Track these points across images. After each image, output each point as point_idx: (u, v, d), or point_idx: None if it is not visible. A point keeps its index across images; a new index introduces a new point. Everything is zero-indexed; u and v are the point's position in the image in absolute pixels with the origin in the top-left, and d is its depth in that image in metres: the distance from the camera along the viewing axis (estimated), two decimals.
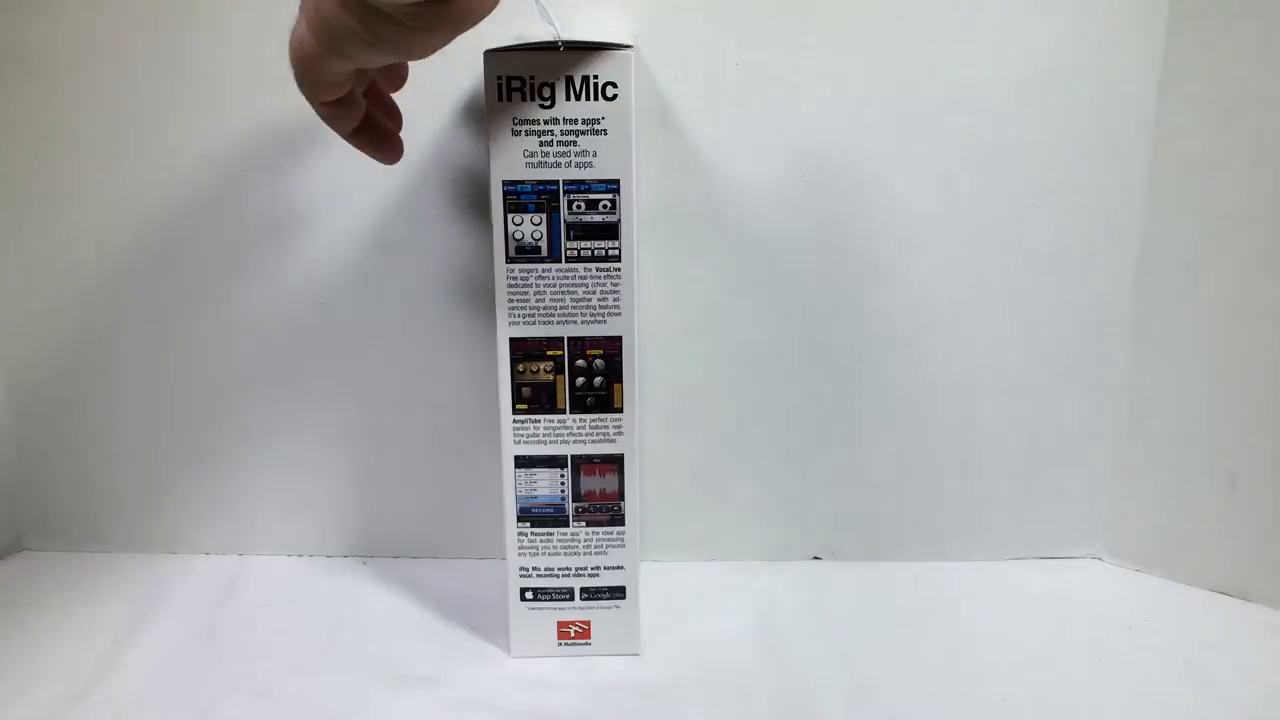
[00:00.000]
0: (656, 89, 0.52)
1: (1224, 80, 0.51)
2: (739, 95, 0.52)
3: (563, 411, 0.46)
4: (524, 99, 0.42)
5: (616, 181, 0.44)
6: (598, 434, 0.46)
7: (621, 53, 0.42)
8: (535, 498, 0.47)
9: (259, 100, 0.52)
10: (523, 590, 0.48)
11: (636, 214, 0.44)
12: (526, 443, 0.46)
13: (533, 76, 0.42)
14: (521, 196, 0.44)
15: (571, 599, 0.48)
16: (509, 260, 0.44)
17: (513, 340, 0.45)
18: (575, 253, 0.44)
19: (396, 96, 0.44)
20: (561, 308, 0.45)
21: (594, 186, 0.44)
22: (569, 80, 0.42)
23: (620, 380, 0.46)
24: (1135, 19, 0.52)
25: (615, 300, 0.45)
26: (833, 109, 0.52)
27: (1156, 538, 0.57)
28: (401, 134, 0.44)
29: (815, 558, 0.59)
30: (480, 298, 0.55)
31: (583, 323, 0.45)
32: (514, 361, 0.45)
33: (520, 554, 0.48)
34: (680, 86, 0.52)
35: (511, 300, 0.45)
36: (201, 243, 0.54)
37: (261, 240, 0.54)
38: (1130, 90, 0.53)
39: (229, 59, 0.52)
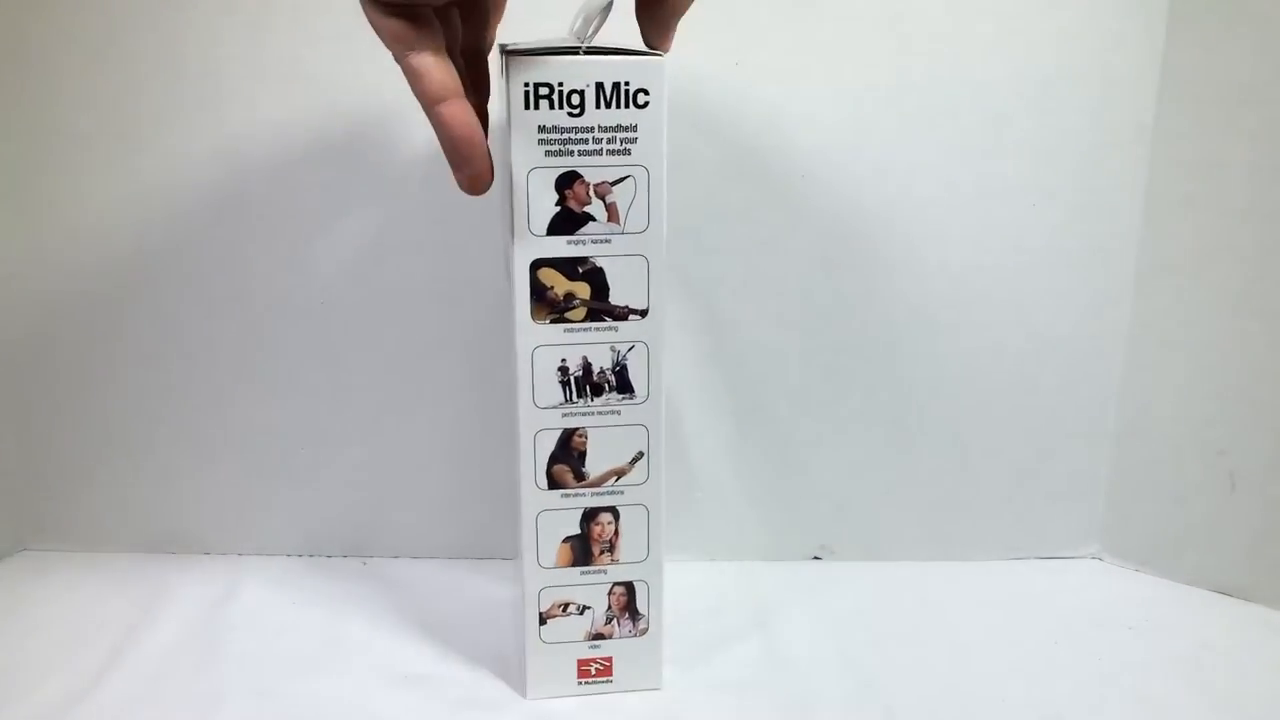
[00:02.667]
0: None
1: (1224, 80, 0.51)
2: (739, 95, 0.52)
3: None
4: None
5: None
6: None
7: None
8: None
9: (258, 99, 0.52)
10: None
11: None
12: None
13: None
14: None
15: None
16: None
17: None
18: None
19: None
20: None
21: None
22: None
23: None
24: (1135, 19, 0.52)
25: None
26: (833, 109, 0.52)
27: (1156, 537, 0.57)
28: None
29: (815, 558, 0.59)
30: (480, 296, 0.55)
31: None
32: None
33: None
34: (681, 85, 0.52)
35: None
36: (202, 242, 0.54)
37: (262, 239, 0.54)
38: (1130, 90, 0.53)
39: (229, 59, 0.52)
